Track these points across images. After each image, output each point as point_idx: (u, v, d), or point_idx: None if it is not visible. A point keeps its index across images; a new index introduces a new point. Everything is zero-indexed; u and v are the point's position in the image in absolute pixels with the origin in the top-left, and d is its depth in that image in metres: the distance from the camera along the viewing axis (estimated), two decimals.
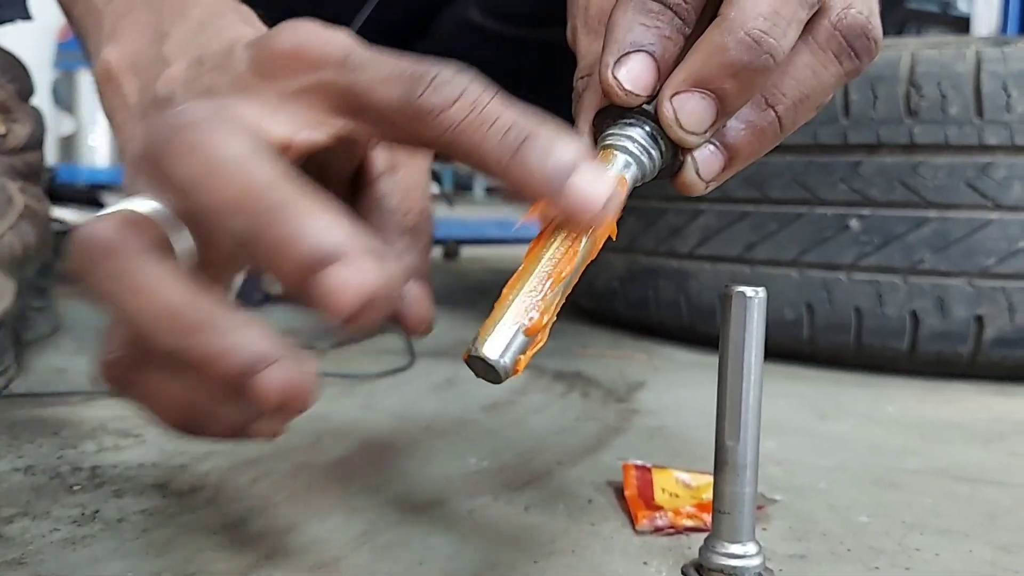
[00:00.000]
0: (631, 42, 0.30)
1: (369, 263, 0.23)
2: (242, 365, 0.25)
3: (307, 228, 0.24)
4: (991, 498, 0.47)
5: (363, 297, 0.23)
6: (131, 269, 0.26)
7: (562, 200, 0.27)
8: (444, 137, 0.27)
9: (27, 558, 0.36)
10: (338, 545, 0.38)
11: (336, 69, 0.29)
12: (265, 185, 0.25)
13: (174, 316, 0.25)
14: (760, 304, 0.32)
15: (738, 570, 0.32)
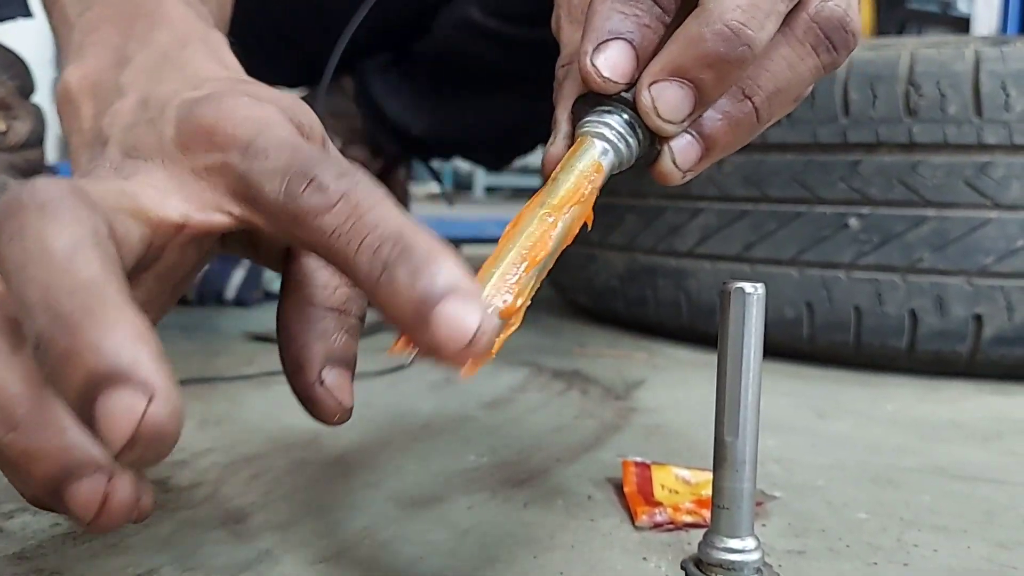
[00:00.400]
0: (609, 30, 0.30)
1: (147, 392, 0.21)
2: (53, 472, 0.23)
3: (99, 341, 0.21)
4: (989, 496, 0.47)
5: (132, 429, 0.20)
6: None
7: (427, 331, 0.23)
8: (320, 243, 0.26)
9: (28, 552, 0.36)
10: (339, 540, 0.38)
11: (238, 153, 0.28)
12: (72, 287, 0.22)
13: (1, 407, 0.24)
14: (759, 300, 0.32)
15: (737, 564, 0.32)
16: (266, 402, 0.62)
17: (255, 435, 0.53)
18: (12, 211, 0.24)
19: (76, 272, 0.23)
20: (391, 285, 0.24)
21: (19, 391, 0.24)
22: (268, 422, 0.57)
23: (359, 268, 0.25)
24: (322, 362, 0.31)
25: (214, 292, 1.04)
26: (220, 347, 0.81)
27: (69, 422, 0.24)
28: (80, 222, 0.24)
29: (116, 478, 0.24)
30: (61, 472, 0.24)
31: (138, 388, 0.21)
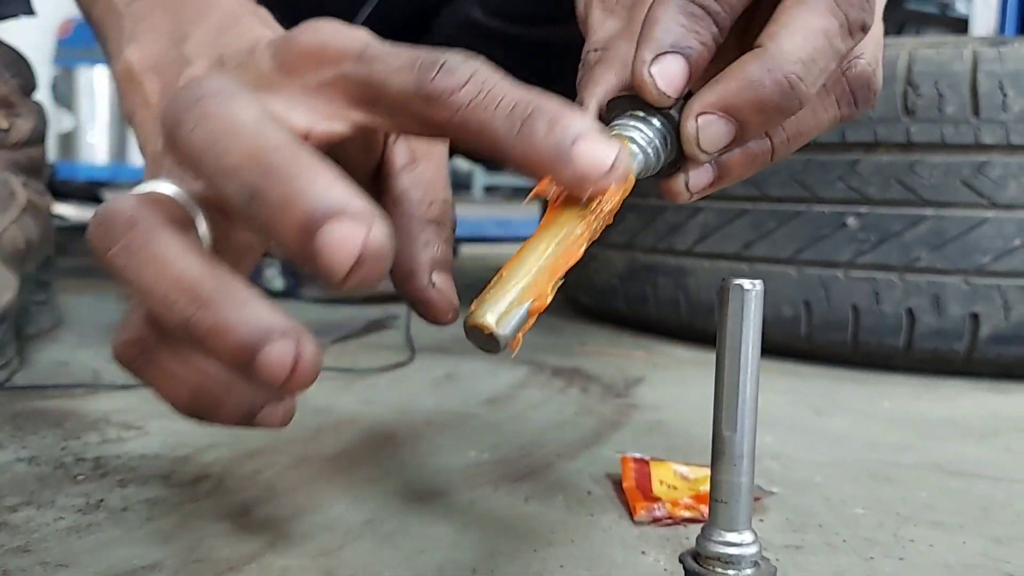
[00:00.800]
0: (671, 43, 0.30)
1: (366, 222, 0.23)
2: (247, 338, 0.25)
3: (310, 186, 0.24)
4: (985, 492, 0.47)
5: (357, 254, 0.23)
6: (148, 242, 0.27)
7: (569, 167, 0.26)
8: (455, 119, 0.28)
9: (32, 546, 0.36)
10: (341, 533, 0.39)
11: (354, 62, 0.30)
12: (273, 147, 0.25)
13: (185, 287, 0.26)
14: (757, 297, 0.32)
15: (735, 558, 0.33)
16: None
17: (257, 431, 0.54)
18: (189, 103, 0.27)
19: (271, 136, 0.25)
20: (531, 136, 0.27)
21: (201, 272, 0.26)
22: None
23: (498, 129, 0.27)
24: (430, 268, 0.35)
25: None
26: None
27: (251, 295, 0.26)
28: (256, 102, 0.27)
29: (302, 340, 0.25)
30: (252, 338, 0.25)
31: (356, 219, 0.23)
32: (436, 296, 0.35)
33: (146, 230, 0.27)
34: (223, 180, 0.25)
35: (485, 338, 0.27)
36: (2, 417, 0.55)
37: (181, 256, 0.27)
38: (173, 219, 0.28)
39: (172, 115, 0.27)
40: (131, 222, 0.27)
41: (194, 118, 0.26)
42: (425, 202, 0.36)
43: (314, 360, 0.26)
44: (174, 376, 0.30)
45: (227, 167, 0.25)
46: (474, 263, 1.75)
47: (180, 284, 0.26)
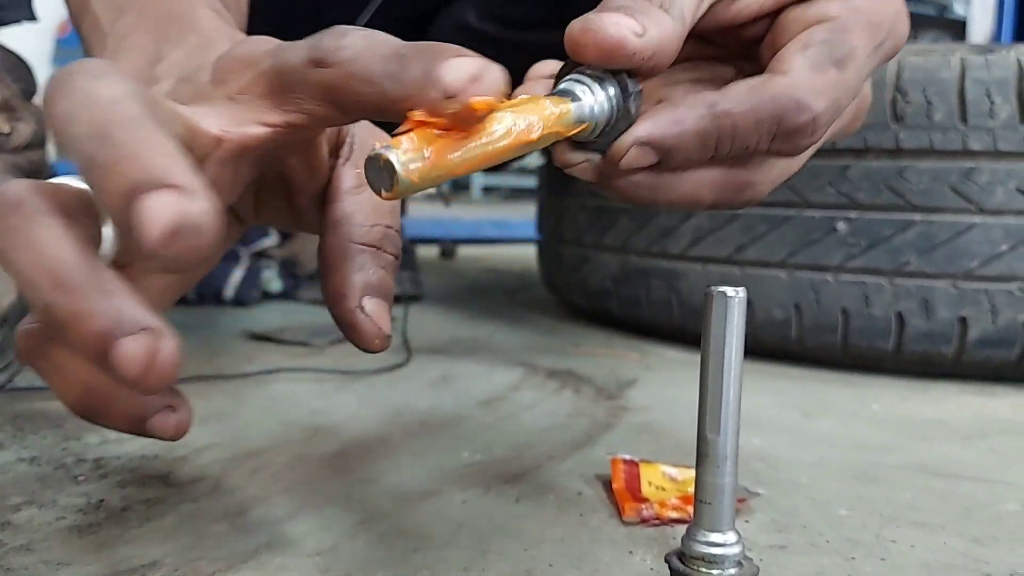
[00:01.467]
0: (668, 147, 0.32)
1: (186, 194, 0.23)
2: (102, 328, 0.25)
3: (139, 156, 0.24)
4: (968, 493, 0.48)
5: (174, 225, 0.23)
6: (28, 226, 0.27)
7: (437, 86, 0.26)
8: (343, 74, 0.28)
9: (34, 545, 0.37)
10: (336, 533, 0.40)
11: (266, 58, 0.31)
12: (118, 120, 0.25)
13: (52, 273, 0.26)
14: (740, 304, 0.33)
15: (718, 557, 0.34)
16: (265, 399, 0.63)
17: (255, 431, 0.55)
18: (64, 76, 0.27)
19: (120, 111, 0.26)
20: (404, 71, 0.27)
21: (70, 258, 0.26)
22: (268, 419, 0.58)
23: (377, 73, 0.27)
24: (361, 292, 0.34)
25: (213, 291, 1.06)
26: (220, 346, 0.82)
27: (118, 288, 0.26)
28: (125, 83, 0.27)
29: (162, 337, 0.25)
30: (111, 327, 0.25)
31: (175, 190, 0.23)
32: (363, 321, 0.34)
33: (28, 214, 0.27)
34: (69, 148, 0.26)
35: (380, 171, 0.26)
36: (3, 418, 0.56)
37: (56, 243, 0.26)
38: (62, 209, 0.28)
39: (48, 88, 0.28)
40: (16, 205, 0.27)
41: (62, 90, 0.27)
42: (365, 225, 0.36)
43: (172, 358, 0.25)
44: (65, 372, 0.30)
45: (73, 135, 0.26)
46: (471, 264, 1.76)
47: (48, 269, 0.26)
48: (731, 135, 0.32)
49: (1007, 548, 0.41)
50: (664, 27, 0.31)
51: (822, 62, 0.33)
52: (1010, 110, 0.71)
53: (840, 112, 0.34)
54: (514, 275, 1.56)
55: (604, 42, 0.29)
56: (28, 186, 0.28)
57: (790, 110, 0.32)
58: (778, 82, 0.33)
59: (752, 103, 0.32)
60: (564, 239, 1.00)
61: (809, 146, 0.34)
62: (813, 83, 0.33)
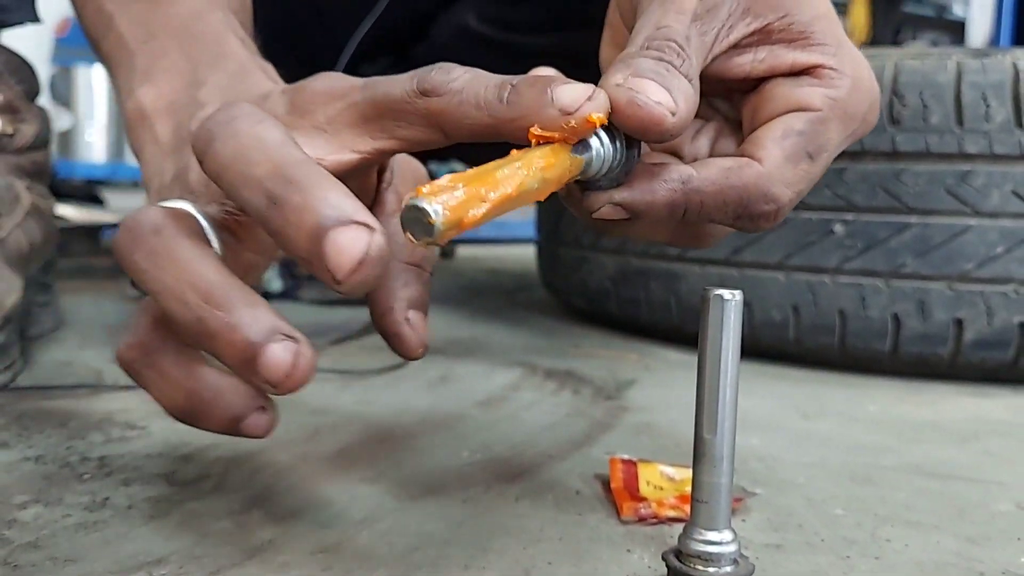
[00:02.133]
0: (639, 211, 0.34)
1: (369, 230, 0.27)
2: (253, 337, 0.28)
3: (324, 196, 0.27)
4: (961, 493, 0.49)
5: (360, 257, 0.26)
6: (171, 248, 0.30)
7: (552, 106, 0.29)
8: (453, 102, 0.31)
9: (42, 542, 0.38)
10: (338, 531, 0.40)
11: (359, 91, 0.34)
12: (294, 162, 0.28)
13: (201, 289, 0.29)
14: (736, 306, 0.34)
15: (714, 556, 0.34)
16: None
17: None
18: (224, 121, 0.30)
19: (291, 154, 0.29)
20: (518, 96, 0.30)
21: (214, 275, 0.29)
22: None
23: (490, 101, 0.30)
24: (406, 306, 0.37)
25: None
26: None
27: (259, 300, 0.29)
28: (280, 126, 0.30)
29: (302, 344, 0.29)
30: (258, 337, 0.28)
31: (361, 227, 0.27)
32: (409, 332, 0.37)
33: (169, 237, 0.30)
34: (247, 189, 0.29)
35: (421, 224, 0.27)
36: (8, 417, 0.56)
37: (199, 262, 0.30)
38: (193, 231, 0.31)
39: (207, 131, 0.30)
40: (156, 229, 0.30)
41: (227, 134, 0.30)
42: (409, 246, 0.38)
43: (311, 363, 0.29)
44: (171, 380, 0.32)
45: (252, 177, 0.28)
46: (470, 264, 1.77)
47: (196, 286, 0.29)
48: (698, 210, 0.34)
49: (999, 547, 0.41)
50: (690, 102, 0.32)
51: (797, 155, 0.35)
52: (1006, 113, 0.71)
53: (801, 197, 0.37)
54: (513, 275, 1.56)
55: (646, 119, 0.31)
56: (163, 212, 0.31)
57: (758, 199, 0.34)
58: (752, 170, 0.34)
59: (723, 186, 0.34)
60: (563, 241, 1.00)
61: (769, 228, 0.36)
62: (784, 175, 0.35)
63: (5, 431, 0.53)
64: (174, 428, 0.54)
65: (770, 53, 0.36)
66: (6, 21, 0.73)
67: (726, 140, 0.40)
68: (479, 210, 0.27)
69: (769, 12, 0.36)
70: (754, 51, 0.37)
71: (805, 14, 0.36)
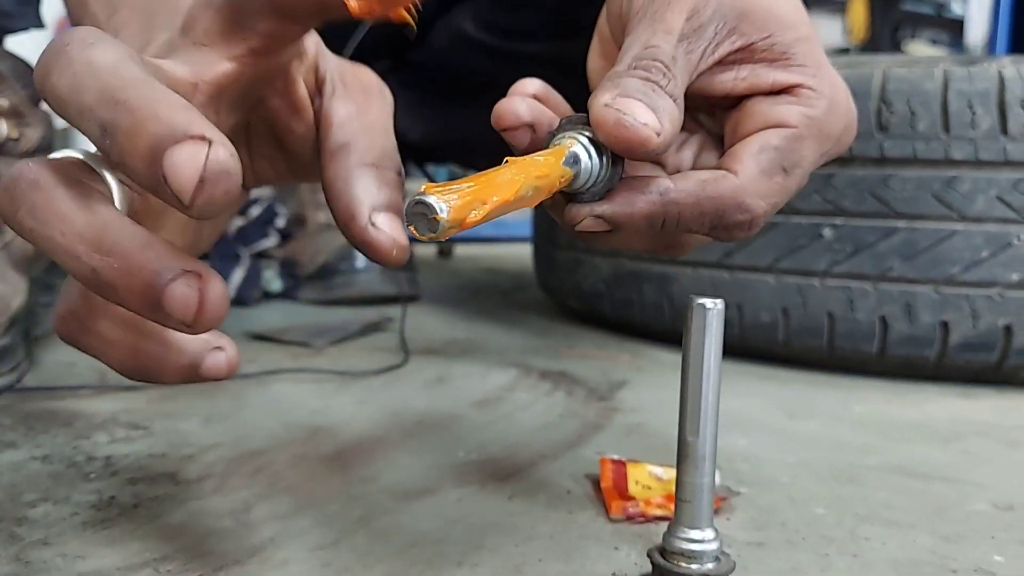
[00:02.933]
0: (619, 222, 0.35)
1: (203, 142, 0.25)
2: (151, 278, 0.26)
3: (154, 114, 0.25)
4: (940, 493, 0.50)
5: (199, 174, 0.25)
6: (50, 200, 0.28)
7: None
8: None
9: (51, 539, 0.39)
10: (336, 530, 0.42)
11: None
12: (124, 83, 0.26)
13: (88, 238, 0.27)
14: (718, 315, 0.35)
15: (697, 553, 0.36)
16: (267, 400, 0.65)
17: (258, 431, 0.57)
18: (57, 50, 0.28)
19: (123, 74, 0.27)
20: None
21: (102, 223, 0.27)
22: (270, 419, 0.60)
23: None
24: (370, 209, 0.35)
25: None
26: None
27: (153, 239, 0.27)
28: (117, 46, 0.28)
29: (207, 277, 0.27)
30: (156, 278, 0.26)
31: (197, 140, 0.25)
32: (377, 235, 0.34)
33: (48, 189, 0.28)
34: (82, 120, 0.27)
35: (425, 219, 0.28)
36: (15, 417, 0.58)
37: (83, 210, 0.28)
38: (76, 179, 0.29)
39: (41, 65, 0.28)
40: (34, 184, 0.28)
41: (59, 65, 0.28)
42: (362, 148, 0.37)
43: (220, 294, 0.27)
44: (112, 341, 0.32)
45: (84, 105, 0.26)
46: (468, 263, 1.78)
47: (84, 236, 0.27)
48: (675, 221, 0.35)
49: (973, 546, 0.43)
50: (675, 122, 0.33)
51: (772, 168, 0.36)
52: (991, 121, 0.73)
53: (777, 209, 0.38)
54: (510, 275, 1.58)
55: (632, 139, 0.32)
56: (39, 163, 0.29)
57: (732, 209, 0.36)
58: (728, 182, 0.36)
59: (699, 197, 0.35)
60: (558, 243, 1.02)
61: (744, 238, 0.37)
62: (758, 188, 0.36)
63: (12, 431, 0.55)
64: (177, 428, 0.56)
65: (752, 72, 0.38)
66: (11, 28, 0.75)
67: (709, 153, 0.42)
68: (480, 211, 0.28)
69: (754, 32, 0.37)
70: (737, 69, 0.38)
71: (787, 36, 0.38)
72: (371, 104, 0.40)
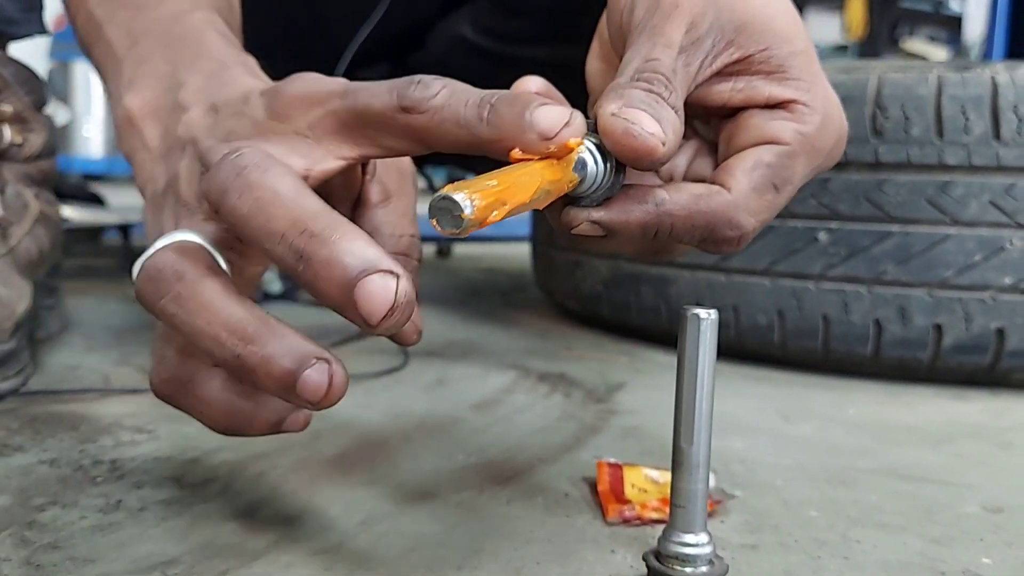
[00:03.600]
0: (613, 229, 0.35)
1: (395, 277, 0.28)
2: (289, 366, 0.30)
3: (348, 248, 0.29)
4: (931, 495, 0.51)
5: (391, 304, 0.28)
6: (195, 291, 0.32)
7: (531, 131, 0.31)
8: (434, 120, 0.32)
9: (60, 543, 0.40)
10: (339, 532, 0.43)
11: (338, 99, 0.35)
12: (312, 214, 0.30)
13: (232, 328, 0.31)
14: (712, 325, 0.36)
15: (691, 557, 0.37)
16: None
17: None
18: (234, 173, 0.31)
19: (309, 205, 0.30)
20: (496, 117, 0.32)
21: (244, 314, 0.31)
22: None
23: (470, 119, 0.32)
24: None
25: None
26: None
27: (288, 330, 0.31)
28: (290, 172, 0.32)
29: (334, 364, 0.31)
30: (295, 364, 0.30)
31: (388, 274, 0.28)
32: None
33: (192, 281, 0.32)
34: (271, 243, 0.30)
35: (450, 215, 0.28)
36: (21, 420, 0.58)
37: (225, 302, 0.32)
38: (211, 267, 0.33)
39: (218, 184, 0.32)
40: (178, 275, 0.32)
41: (239, 187, 0.31)
42: (395, 236, 0.41)
43: (344, 379, 0.31)
44: (210, 403, 0.35)
45: (275, 232, 0.30)
46: (467, 263, 1.79)
47: (228, 326, 0.31)
48: (668, 231, 0.36)
49: (962, 548, 0.44)
50: (677, 133, 0.34)
51: (763, 186, 0.37)
52: (984, 126, 0.74)
53: (766, 224, 0.39)
54: (508, 275, 1.59)
55: (640, 148, 0.33)
56: (180, 254, 0.33)
57: (723, 225, 0.36)
58: (720, 198, 0.36)
59: (692, 211, 0.36)
60: (557, 244, 1.03)
61: (731, 252, 0.39)
62: (749, 204, 0.37)
63: (19, 434, 0.56)
64: (181, 432, 0.57)
65: (748, 84, 0.39)
66: (15, 34, 0.76)
67: (703, 160, 0.43)
68: (500, 212, 0.29)
69: (751, 45, 0.38)
70: (734, 80, 0.39)
71: (784, 49, 0.38)
72: (405, 190, 0.42)
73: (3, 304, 0.65)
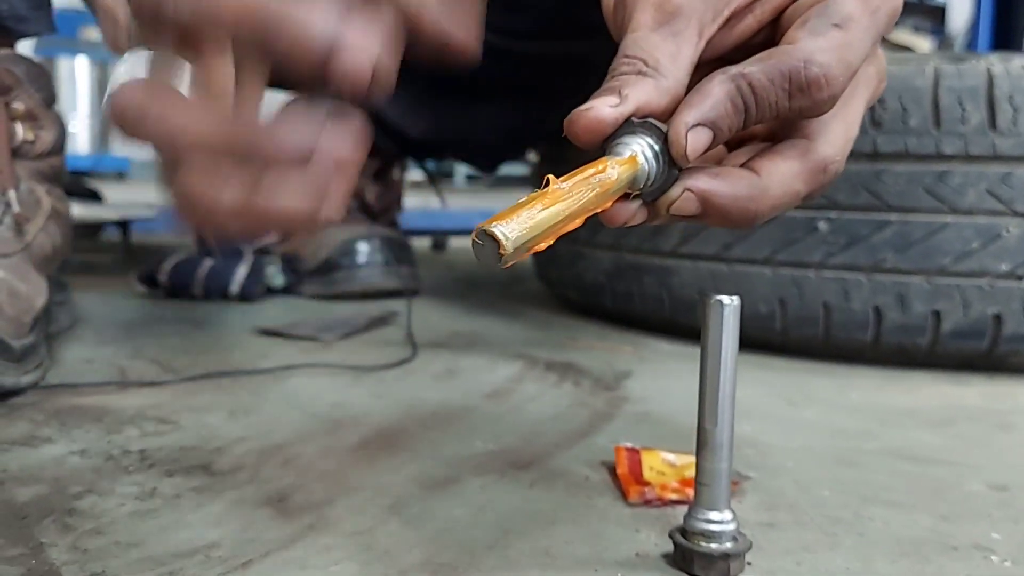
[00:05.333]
0: (712, 119, 0.35)
1: (366, 41, 0.29)
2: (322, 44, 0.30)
3: (312, 26, 0.29)
4: (937, 475, 0.53)
5: (370, 71, 0.29)
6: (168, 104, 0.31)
7: None
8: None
9: (103, 528, 0.41)
10: (371, 516, 0.44)
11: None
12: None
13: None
14: (735, 310, 0.38)
15: (716, 533, 0.38)
16: (286, 394, 0.67)
17: (282, 424, 0.59)
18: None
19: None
20: None
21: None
22: (291, 412, 0.62)
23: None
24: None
25: (219, 287, 1.09)
26: (233, 342, 0.86)
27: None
28: None
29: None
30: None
31: (351, 47, 0.30)
32: (451, 29, 0.38)
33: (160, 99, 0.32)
34: (232, 38, 0.31)
35: (490, 250, 0.29)
36: (46, 414, 0.59)
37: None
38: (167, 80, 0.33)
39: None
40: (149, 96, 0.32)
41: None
42: None
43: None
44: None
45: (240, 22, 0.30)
46: (463, 256, 1.80)
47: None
48: (751, 95, 0.35)
49: (971, 524, 0.45)
50: (646, 89, 0.35)
51: (821, 27, 0.36)
52: (980, 116, 0.75)
53: (852, 69, 0.36)
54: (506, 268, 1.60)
55: (589, 125, 0.34)
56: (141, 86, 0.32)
57: (797, 67, 0.35)
58: (783, 49, 0.36)
59: (762, 66, 0.35)
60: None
61: (829, 100, 0.36)
62: (816, 43, 0.36)
63: (46, 427, 0.57)
64: (203, 422, 0.58)
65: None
66: (25, 31, 0.76)
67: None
68: (543, 243, 0.30)
69: None
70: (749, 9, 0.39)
71: None
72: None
73: (22, 299, 0.66)
